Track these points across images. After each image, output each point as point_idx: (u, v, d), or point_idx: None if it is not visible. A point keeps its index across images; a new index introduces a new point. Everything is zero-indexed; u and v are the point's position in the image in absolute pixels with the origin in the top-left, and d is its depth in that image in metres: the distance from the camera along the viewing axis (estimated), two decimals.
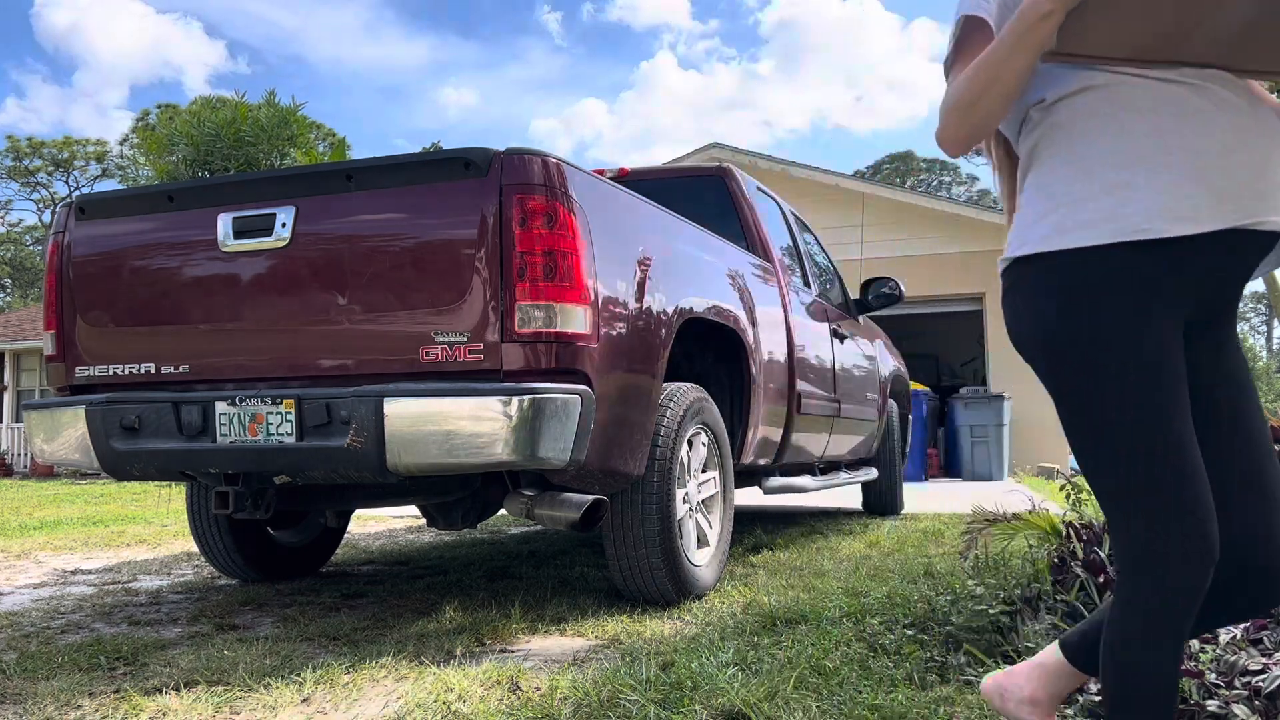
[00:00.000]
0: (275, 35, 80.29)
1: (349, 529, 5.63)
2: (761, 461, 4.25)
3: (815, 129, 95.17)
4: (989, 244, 13.22)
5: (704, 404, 3.48)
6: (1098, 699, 1.82)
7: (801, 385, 4.44)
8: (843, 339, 5.34)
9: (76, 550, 5.61)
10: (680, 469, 3.34)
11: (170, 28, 72.06)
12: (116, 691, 2.31)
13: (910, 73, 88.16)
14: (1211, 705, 1.67)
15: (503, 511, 3.62)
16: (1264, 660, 1.76)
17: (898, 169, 49.49)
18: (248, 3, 76.08)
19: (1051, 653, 1.59)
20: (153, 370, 3.09)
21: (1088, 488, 3.28)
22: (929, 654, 2.38)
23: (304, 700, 2.23)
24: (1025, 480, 11.02)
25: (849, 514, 6.80)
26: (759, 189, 4.98)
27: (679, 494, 3.32)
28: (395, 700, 2.21)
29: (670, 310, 3.24)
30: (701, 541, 3.54)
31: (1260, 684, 1.68)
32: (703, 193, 4.72)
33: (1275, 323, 54.92)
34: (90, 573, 4.61)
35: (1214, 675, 1.75)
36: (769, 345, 4.11)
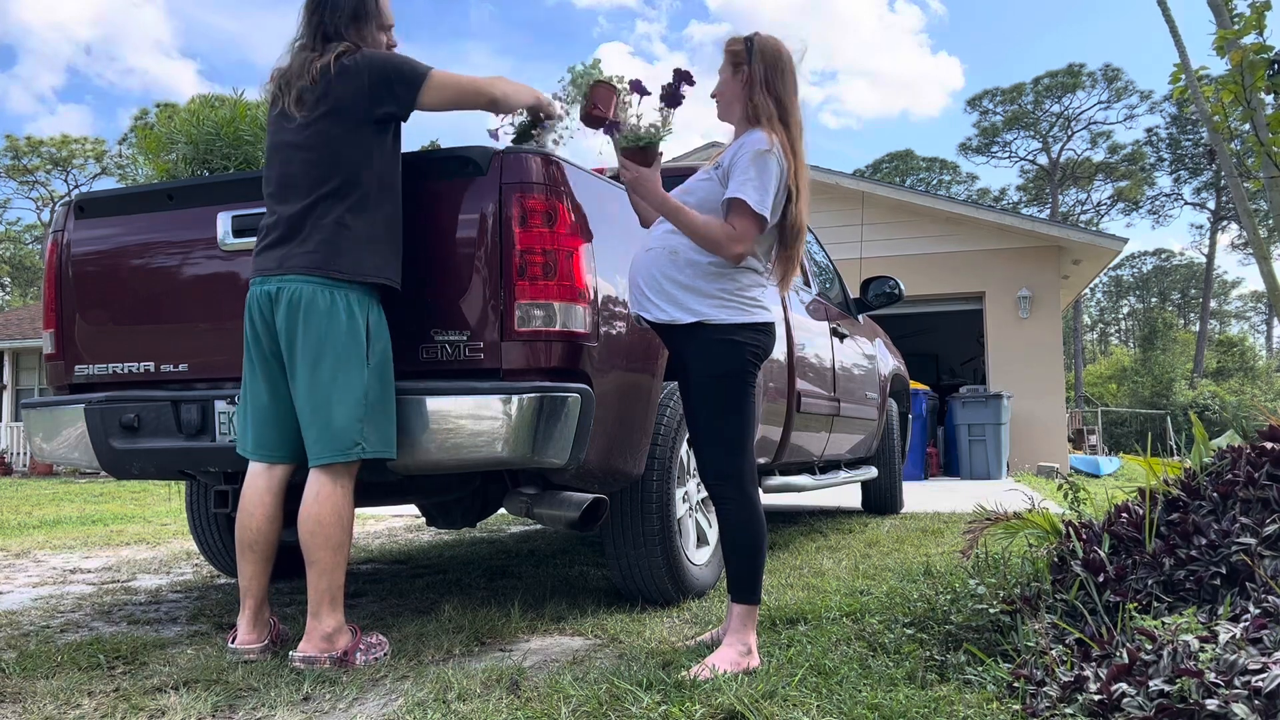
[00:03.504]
0: (220, 39, 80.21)
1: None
2: (761, 460, 4.24)
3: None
4: (989, 243, 13.22)
5: None
6: (1097, 698, 1.82)
7: (801, 384, 4.43)
8: (842, 338, 5.33)
9: (76, 549, 5.61)
10: (680, 468, 3.34)
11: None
12: (116, 690, 2.31)
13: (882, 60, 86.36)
14: (1211, 704, 1.66)
15: (502, 510, 3.62)
16: (1264, 659, 1.76)
17: (897, 168, 49.49)
18: (189, 7, 76.00)
19: None
20: (152, 369, 3.09)
21: (1087, 487, 3.28)
22: (929, 653, 2.38)
23: (303, 699, 2.23)
24: (1024, 479, 11.01)
25: (848, 513, 6.80)
26: None
27: (679, 493, 3.32)
28: (394, 699, 2.21)
29: None
30: (701, 540, 3.54)
31: (1260, 683, 1.68)
32: None
33: (1275, 322, 54.91)
34: (89, 571, 4.61)
35: (1213, 675, 1.74)
36: None
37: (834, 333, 5.19)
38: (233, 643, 2.62)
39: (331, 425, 2.50)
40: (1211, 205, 43.42)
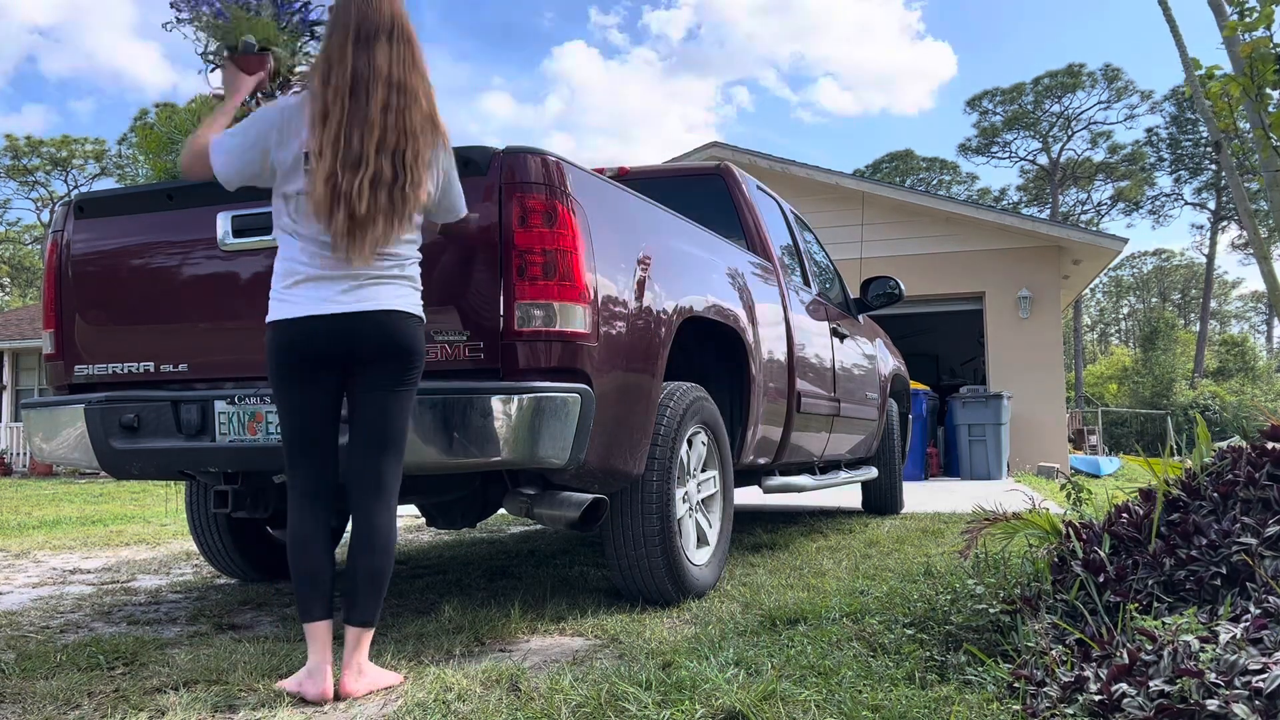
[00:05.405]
0: None
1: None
2: (761, 460, 4.24)
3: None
4: (988, 243, 13.22)
5: (704, 403, 3.47)
6: (1098, 698, 1.82)
7: (801, 384, 4.43)
8: (843, 338, 5.33)
9: (75, 549, 5.60)
10: (680, 468, 3.33)
11: None
12: (115, 691, 2.31)
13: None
14: (1211, 705, 1.66)
15: (502, 510, 3.62)
16: (1264, 660, 1.76)
17: (897, 168, 49.49)
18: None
19: None
20: (152, 369, 3.09)
21: (1088, 487, 3.28)
22: (929, 653, 2.38)
23: (303, 700, 2.23)
24: (1024, 479, 11.01)
25: (849, 513, 6.80)
26: (759, 188, 4.97)
27: (679, 493, 3.32)
28: (394, 699, 2.21)
29: (670, 309, 3.23)
30: (701, 541, 3.54)
31: (1260, 684, 1.68)
32: (703, 192, 4.72)
33: (1275, 322, 54.92)
34: (89, 572, 4.61)
35: (1214, 675, 1.74)
36: (769, 344, 4.10)
37: (834, 333, 5.19)
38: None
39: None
40: (1211, 205, 43.42)
